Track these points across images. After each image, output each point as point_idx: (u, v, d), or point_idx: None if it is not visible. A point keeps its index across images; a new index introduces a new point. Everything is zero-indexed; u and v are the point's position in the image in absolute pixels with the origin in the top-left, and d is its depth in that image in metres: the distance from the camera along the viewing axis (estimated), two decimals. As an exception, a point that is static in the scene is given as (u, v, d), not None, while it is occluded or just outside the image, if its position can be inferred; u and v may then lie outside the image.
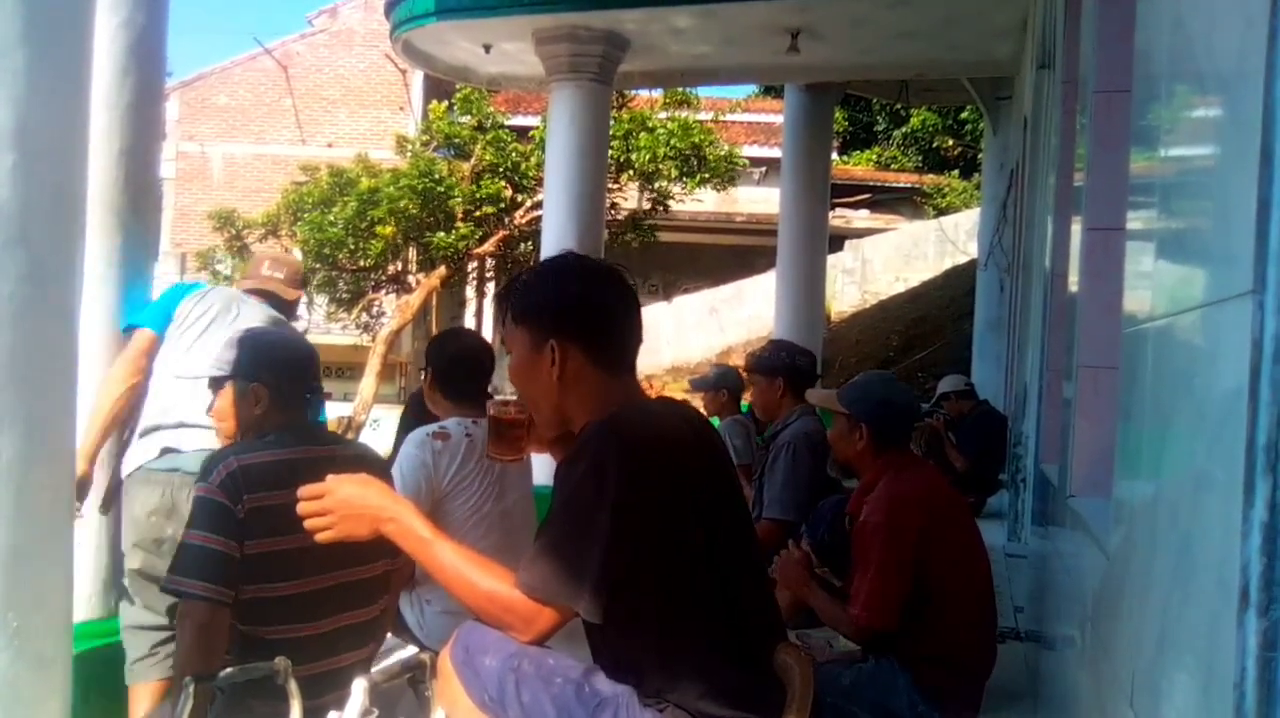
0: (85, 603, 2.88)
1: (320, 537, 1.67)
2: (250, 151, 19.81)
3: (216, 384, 2.31)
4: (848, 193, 17.82)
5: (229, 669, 1.72)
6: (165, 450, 2.91)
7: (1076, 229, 2.55)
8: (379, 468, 2.43)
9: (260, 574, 2.10)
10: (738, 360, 10.86)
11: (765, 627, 1.66)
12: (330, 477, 1.71)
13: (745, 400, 5.13)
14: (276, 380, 2.27)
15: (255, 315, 3.19)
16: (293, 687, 1.71)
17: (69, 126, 1.32)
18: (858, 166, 21.02)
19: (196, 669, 1.86)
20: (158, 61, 3.18)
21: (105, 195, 2.88)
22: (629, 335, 1.70)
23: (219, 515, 2.08)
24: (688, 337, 16.80)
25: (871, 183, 19.67)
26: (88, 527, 2.90)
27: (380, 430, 11.08)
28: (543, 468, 3.51)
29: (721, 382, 5.26)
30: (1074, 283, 2.57)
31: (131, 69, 2.98)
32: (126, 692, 2.61)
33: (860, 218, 18.86)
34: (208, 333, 3.07)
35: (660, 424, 1.65)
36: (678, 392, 9.00)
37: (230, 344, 2.33)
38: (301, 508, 1.68)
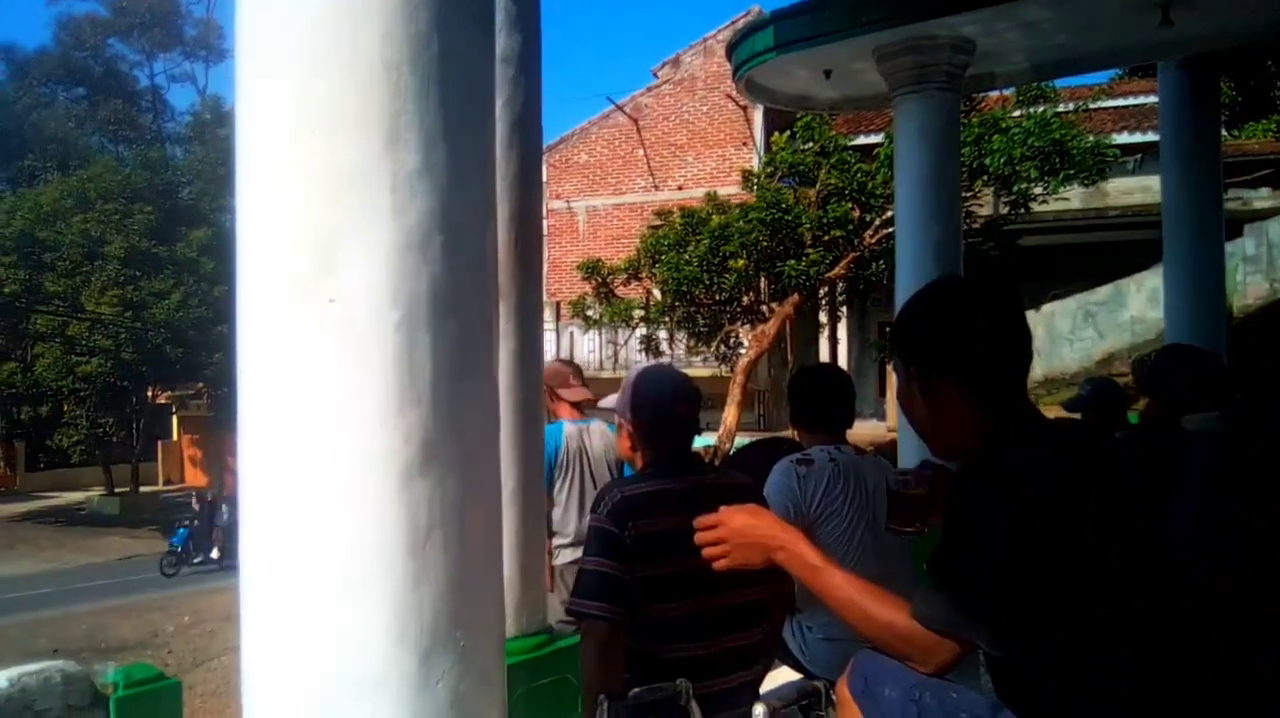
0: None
1: (716, 565, 1.77)
2: (609, 203, 21.30)
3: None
4: (1242, 170, 15.72)
5: (637, 689, 1.85)
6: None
7: None
8: (754, 496, 2.51)
9: (651, 596, 2.25)
10: (1122, 369, 9.92)
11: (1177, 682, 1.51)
12: (723, 508, 1.80)
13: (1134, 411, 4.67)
14: (644, 417, 2.46)
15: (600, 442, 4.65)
16: (694, 707, 1.80)
17: (482, 205, 1.51)
18: (1252, 140, 18.47)
19: (601, 687, 2.03)
20: (536, 134, 3.52)
21: (502, 256, 3.23)
22: (1005, 359, 1.64)
23: (609, 542, 2.26)
24: (1060, 346, 15.61)
25: (1272, 155, 17.19)
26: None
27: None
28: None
29: (1098, 398, 4.84)
30: None
31: (515, 143, 3.34)
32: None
33: (1260, 197, 16.53)
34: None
35: (1049, 450, 1.56)
36: (1052, 407, 8.39)
37: (623, 385, 2.55)
38: (698, 538, 1.79)
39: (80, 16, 41.07)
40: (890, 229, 11.39)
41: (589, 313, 14.88)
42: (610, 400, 2.67)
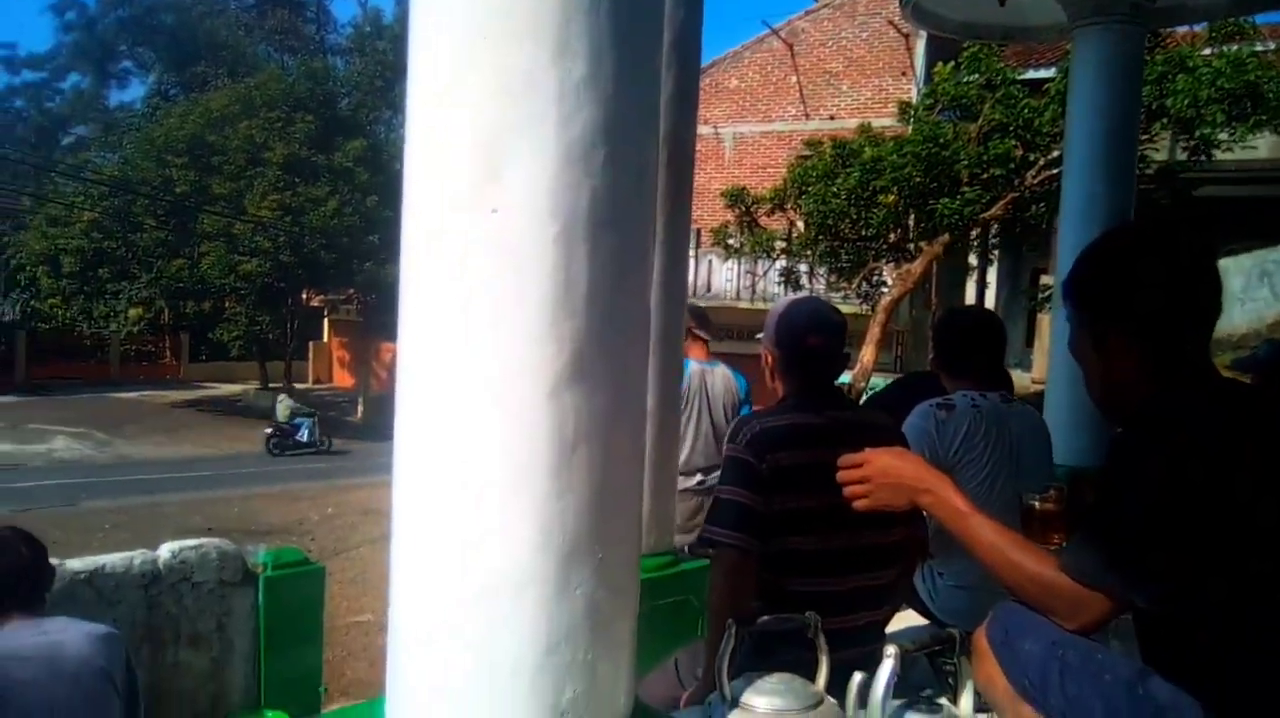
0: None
1: (858, 504, 1.74)
2: (758, 130, 20.89)
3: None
4: None
5: (765, 618, 1.85)
6: None
7: None
8: (895, 436, 2.45)
9: (784, 529, 2.24)
10: (1298, 333, 9.23)
11: None
12: (868, 448, 1.77)
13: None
14: (782, 347, 2.41)
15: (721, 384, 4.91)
16: (821, 641, 1.79)
17: (646, 119, 1.49)
18: None
19: (729, 614, 2.03)
20: (695, 55, 3.46)
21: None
22: (1182, 312, 1.53)
23: (745, 473, 2.25)
24: (1230, 306, 14.61)
25: None
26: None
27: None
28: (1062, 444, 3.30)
29: (1273, 359, 4.51)
30: None
31: (673, 63, 3.27)
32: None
33: None
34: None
35: (1208, 400, 1.48)
36: (1219, 368, 7.88)
37: (771, 313, 2.52)
38: (841, 475, 1.76)
39: (251, -74, 42.50)
40: (1055, 171, 10.81)
41: (730, 242, 14.75)
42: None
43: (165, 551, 3.67)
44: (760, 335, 2.55)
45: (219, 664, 3.72)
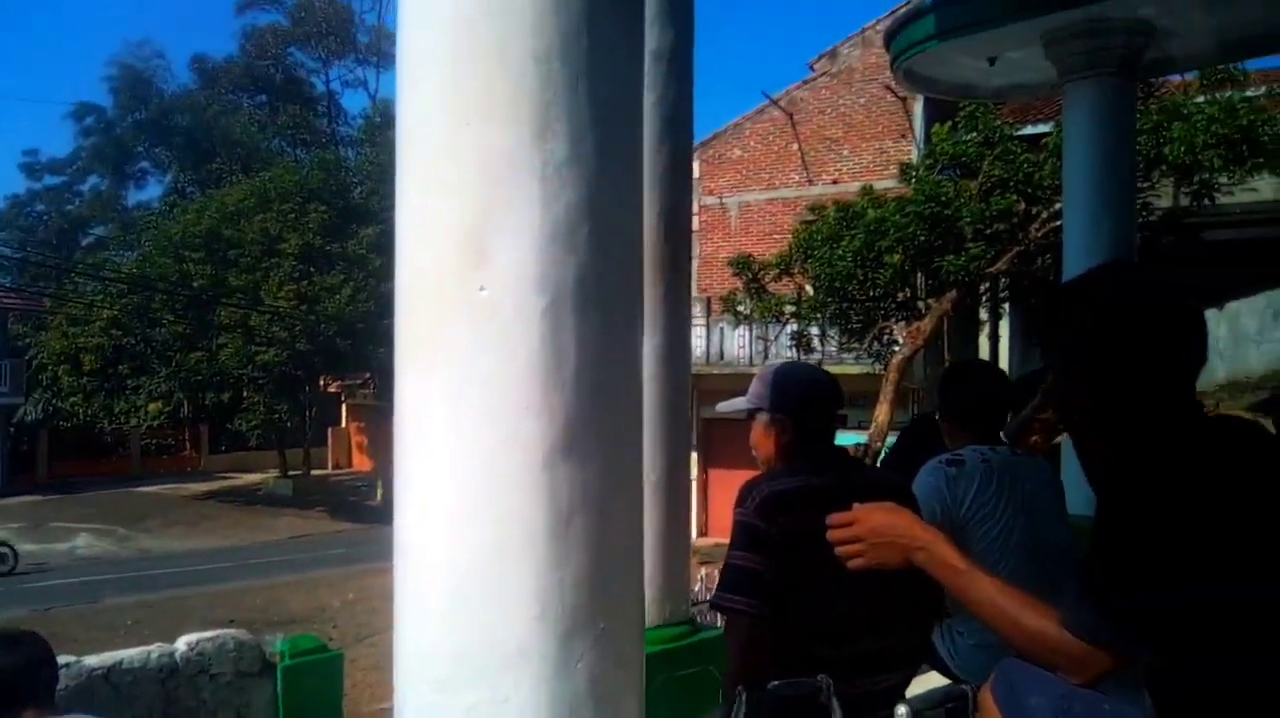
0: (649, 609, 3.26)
1: (851, 564, 1.71)
2: (762, 198, 21.13)
3: (751, 416, 2.48)
4: None
5: (776, 682, 1.83)
6: None
7: None
8: (905, 497, 2.44)
9: (795, 593, 2.22)
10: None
11: None
12: (857, 505, 1.75)
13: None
14: (799, 411, 2.40)
15: None
16: (834, 704, 1.77)
17: (629, 196, 1.53)
18: None
19: (741, 681, 2.01)
20: (686, 130, 3.54)
21: (651, 252, 3.25)
22: (1162, 361, 1.50)
23: (755, 537, 2.23)
24: (1245, 348, 14.52)
25: None
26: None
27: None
28: (1075, 495, 3.27)
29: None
30: None
31: (666, 140, 3.36)
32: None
33: None
34: None
35: (1207, 448, 1.45)
36: (1237, 412, 7.82)
37: (760, 379, 2.50)
38: (832, 535, 1.74)
39: (263, 27, 43.91)
40: (1058, 223, 10.86)
41: (739, 308, 14.83)
42: (734, 403, 2.57)
43: (182, 643, 3.67)
44: (727, 408, 2.52)
45: (238, 757, 3.69)
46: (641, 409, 1.58)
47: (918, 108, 19.04)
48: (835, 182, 19.79)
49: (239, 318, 25.90)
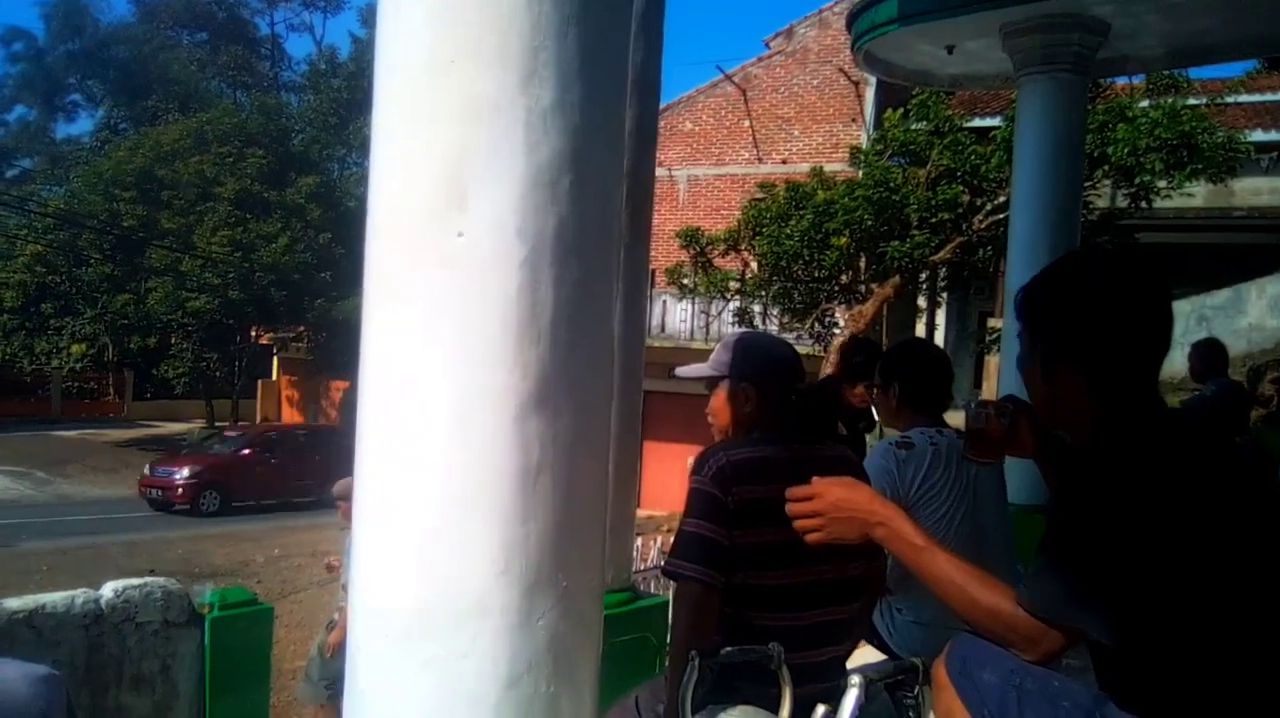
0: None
1: (809, 538, 1.72)
2: (711, 173, 21.12)
3: (712, 383, 2.47)
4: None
5: (728, 649, 1.83)
6: None
7: None
8: (859, 471, 2.45)
9: (748, 563, 2.22)
10: (1236, 376, 9.47)
11: None
12: (817, 479, 1.75)
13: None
14: (763, 381, 2.39)
15: None
16: (785, 673, 1.77)
17: (612, 148, 1.50)
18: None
19: (690, 646, 2.01)
20: (654, 93, 3.50)
21: (611, 215, 3.23)
22: (1135, 347, 1.56)
23: (711, 506, 2.22)
24: (1171, 350, 14.95)
25: None
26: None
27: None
28: (1015, 483, 3.34)
29: (1222, 398, 4.64)
30: None
31: (633, 102, 3.31)
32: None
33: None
34: None
35: (1164, 437, 1.49)
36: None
37: (725, 346, 2.48)
38: (791, 508, 1.74)
39: (207, -37, 42.39)
40: (1001, 215, 11.05)
41: (684, 281, 14.83)
42: (695, 368, 2.56)
43: (108, 590, 3.56)
44: (688, 372, 2.50)
45: (163, 707, 3.60)
46: (612, 367, 1.56)
47: (870, 93, 19.18)
48: (785, 161, 19.87)
49: (170, 262, 25.18)
